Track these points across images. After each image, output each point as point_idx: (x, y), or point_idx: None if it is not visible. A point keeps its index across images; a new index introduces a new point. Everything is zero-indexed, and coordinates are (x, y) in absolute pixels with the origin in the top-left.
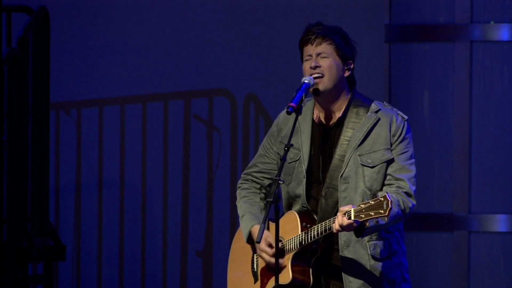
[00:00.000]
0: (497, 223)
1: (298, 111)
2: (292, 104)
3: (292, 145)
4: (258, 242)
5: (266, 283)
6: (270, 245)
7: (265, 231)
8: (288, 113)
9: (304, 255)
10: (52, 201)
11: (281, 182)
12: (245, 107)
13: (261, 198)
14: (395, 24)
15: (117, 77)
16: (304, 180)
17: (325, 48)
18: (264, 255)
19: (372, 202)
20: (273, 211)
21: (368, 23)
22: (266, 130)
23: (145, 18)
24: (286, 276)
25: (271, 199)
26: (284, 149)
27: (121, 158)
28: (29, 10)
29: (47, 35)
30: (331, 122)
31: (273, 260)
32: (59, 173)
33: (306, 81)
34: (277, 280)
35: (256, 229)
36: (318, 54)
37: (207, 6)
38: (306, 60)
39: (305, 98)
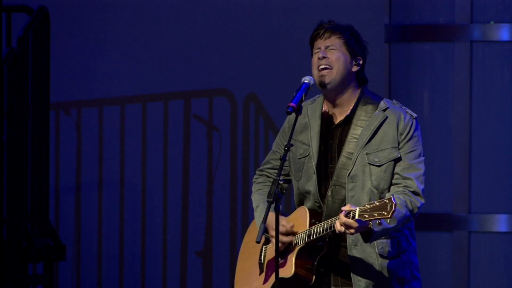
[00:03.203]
0: (497, 223)
1: (298, 111)
2: (292, 104)
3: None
4: (258, 242)
5: (270, 276)
6: (282, 226)
7: (281, 217)
8: (288, 113)
9: (310, 251)
10: (52, 201)
11: (281, 182)
12: (245, 107)
13: None
14: (395, 24)
15: (117, 77)
16: (315, 176)
17: (334, 41)
18: (281, 236)
19: (377, 203)
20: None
21: (368, 23)
22: (266, 130)
23: (145, 18)
24: (289, 270)
25: (271, 199)
26: (284, 149)
27: (121, 158)
28: (29, 10)
29: (47, 35)
30: (340, 119)
31: (285, 238)
32: (59, 173)
33: (306, 81)
34: (277, 277)
35: (270, 217)
36: (327, 47)
37: (207, 6)
38: (315, 53)
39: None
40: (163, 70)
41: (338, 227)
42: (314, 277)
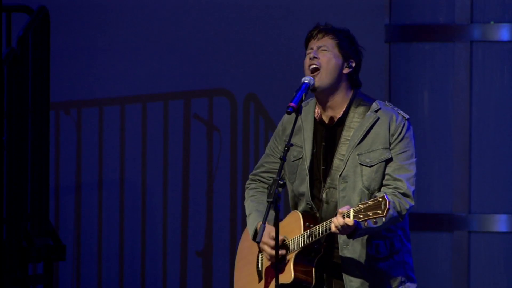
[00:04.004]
0: (497, 223)
1: (298, 111)
2: (292, 104)
3: (292, 145)
4: (258, 242)
5: (270, 282)
6: (273, 238)
7: (268, 226)
8: (288, 113)
9: (307, 255)
10: (52, 201)
11: (281, 182)
12: (245, 107)
13: None
14: (395, 24)
15: (117, 77)
16: (307, 177)
17: (326, 41)
18: (265, 247)
19: (371, 203)
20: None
21: (368, 23)
22: (266, 130)
23: (145, 18)
24: (288, 275)
25: (271, 199)
26: (284, 149)
27: (121, 158)
28: (29, 10)
29: (47, 35)
30: (333, 121)
31: (273, 252)
32: (59, 173)
33: (306, 81)
34: (277, 280)
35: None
36: (319, 47)
37: (207, 6)
38: (307, 54)
39: (305, 98)
40: (163, 70)
41: (333, 229)
42: (314, 280)
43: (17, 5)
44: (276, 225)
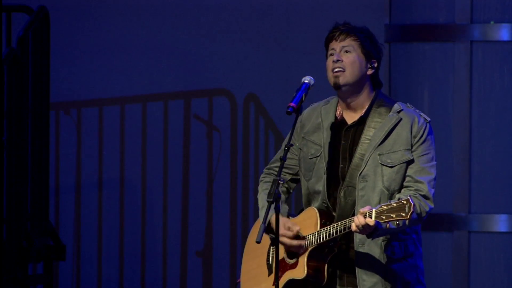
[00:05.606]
0: (497, 223)
1: (298, 111)
2: (292, 104)
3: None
4: (258, 242)
5: (281, 277)
6: (289, 229)
7: (282, 218)
8: (288, 113)
9: (321, 252)
10: (52, 201)
11: (281, 182)
12: (245, 107)
13: (282, 191)
14: (395, 24)
15: (117, 77)
16: (325, 176)
17: (349, 43)
18: (284, 239)
19: (394, 204)
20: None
21: (368, 23)
22: (266, 130)
23: (145, 18)
24: (301, 271)
25: (271, 199)
26: (284, 149)
27: (121, 158)
28: (29, 10)
29: (47, 35)
30: (353, 120)
31: (294, 242)
32: (59, 173)
33: (306, 81)
34: (276, 279)
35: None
36: (341, 49)
37: (207, 6)
38: (330, 55)
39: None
40: (163, 70)
41: (354, 228)
42: (326, 277)
43: (17, 5)
44: (276, 225)
